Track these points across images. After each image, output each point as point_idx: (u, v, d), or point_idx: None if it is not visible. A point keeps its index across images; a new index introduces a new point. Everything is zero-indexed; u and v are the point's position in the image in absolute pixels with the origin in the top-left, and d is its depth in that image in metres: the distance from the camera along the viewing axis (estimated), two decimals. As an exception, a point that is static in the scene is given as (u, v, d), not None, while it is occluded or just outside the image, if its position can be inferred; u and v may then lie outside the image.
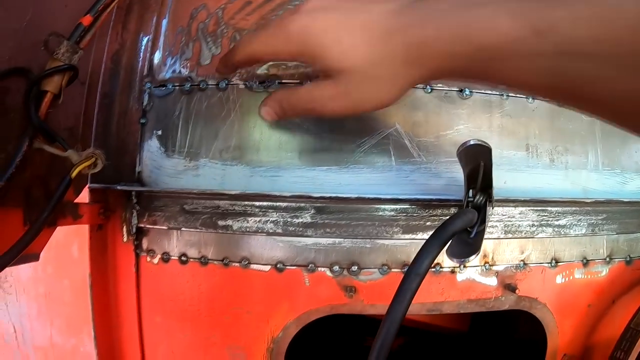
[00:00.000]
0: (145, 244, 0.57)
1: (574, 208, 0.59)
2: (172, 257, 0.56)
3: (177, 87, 0.58)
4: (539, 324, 0.61)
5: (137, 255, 0.57)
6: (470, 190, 0.46)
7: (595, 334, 0.64)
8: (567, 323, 0.61)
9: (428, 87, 0.54)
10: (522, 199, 0.52)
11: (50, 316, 0.64)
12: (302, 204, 0.51)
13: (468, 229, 0.41)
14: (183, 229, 0.55)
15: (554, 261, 0.59)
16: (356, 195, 0.47)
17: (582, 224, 0.61)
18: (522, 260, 0.57)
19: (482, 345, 0.91)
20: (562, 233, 0.59)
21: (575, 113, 0.63)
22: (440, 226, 0.38)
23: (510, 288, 0.56)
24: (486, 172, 0.41)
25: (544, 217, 0.58)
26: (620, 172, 0.63)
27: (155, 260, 0.57)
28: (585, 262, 0.61)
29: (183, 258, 0.55)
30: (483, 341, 0.91)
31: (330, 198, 0.48)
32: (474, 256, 0.35)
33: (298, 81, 0.54)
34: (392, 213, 0.52)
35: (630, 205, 0.63)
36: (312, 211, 0.51)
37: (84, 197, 0.57)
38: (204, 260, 0.54)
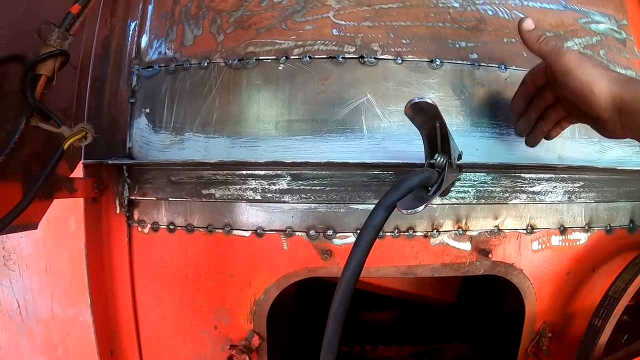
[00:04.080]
0: (136, 215, 0.61)
1: (548, 175, 0.61)
2: (161, 226, 0.59)
3: (163, 68, 0.61)
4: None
5: (129, 226, 0.61)
6: (436, 154, 0.48)
7: (575, 302, 0.65)
8: (545, 290, 0.62)
9: (399, 58, 0.56)
10: (491, 163, 0.53)
11: (51, 288, 0.68)
12: (279, 172, 0.54)
13: (429, 187, 0.43)
14: (170, 199, 0.58)
15: (529, 227, 0.61)
16: (325, 160, 0.50)
17: (557, 191, 0.62)
18: (496, 226, 0.59)
19: (471, 316, 0.92)
20: (537, 200, 0.60)
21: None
22: (397, 181, 0.40)
23: (484, 253, 0.58)
24: (443, 133, 0.43)
25: (518, 184, 0.59)
26: (598, 140, 0.64)
27: (146, 230, 0.60)
28: (563, 230, 0.62)
29: (171, 227, 0.59)
30: (471, 312, 0.92)
31: (301, 164, 0.51)
32: (421, 207, 0.36)
33: (275, 57, 0.57)
34: (365, 179, 0.54)
35: (607, 172, 0.63)
36: (288, 178, 0.54)
37: (79, 173, 0.61)
38: (190, 228, 0.58)
